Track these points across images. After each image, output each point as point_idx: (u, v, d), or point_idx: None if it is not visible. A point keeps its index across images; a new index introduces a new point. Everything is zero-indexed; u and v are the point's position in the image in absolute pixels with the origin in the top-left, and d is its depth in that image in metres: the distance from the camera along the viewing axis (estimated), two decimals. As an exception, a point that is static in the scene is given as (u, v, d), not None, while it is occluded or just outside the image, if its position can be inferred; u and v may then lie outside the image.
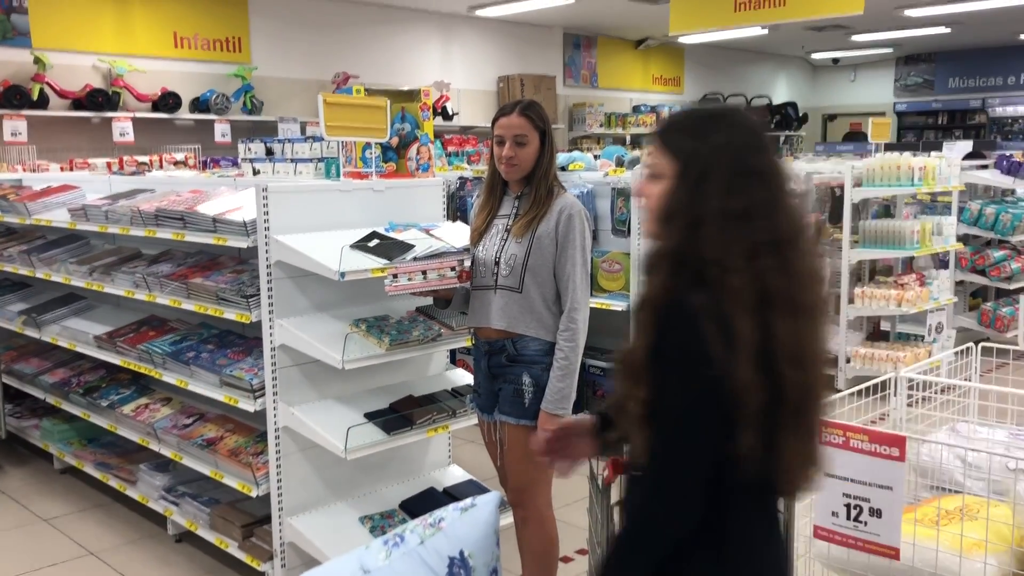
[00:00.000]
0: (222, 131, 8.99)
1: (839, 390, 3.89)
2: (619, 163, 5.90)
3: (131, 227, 4.06)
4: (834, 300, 6.80)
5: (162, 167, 6.89)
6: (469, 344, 3.47)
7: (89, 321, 4.78)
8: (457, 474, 3.94)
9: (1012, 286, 7.45)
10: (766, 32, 11.64)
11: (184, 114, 8.94)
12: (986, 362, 3.28)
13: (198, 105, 9.02)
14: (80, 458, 4.84)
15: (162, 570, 3.96)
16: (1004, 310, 7.47)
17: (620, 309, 5.05)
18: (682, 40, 13.51)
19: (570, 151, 7.30)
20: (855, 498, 2.31)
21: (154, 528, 4.33)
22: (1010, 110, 16.12)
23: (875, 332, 6.88)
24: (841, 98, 17.95)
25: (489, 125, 3.15)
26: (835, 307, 6.77)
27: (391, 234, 3.31)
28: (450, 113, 10.83)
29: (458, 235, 3.33)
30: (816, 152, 11.45)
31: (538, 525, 3.11)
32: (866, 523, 2.30)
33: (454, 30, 11.52)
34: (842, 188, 6.52)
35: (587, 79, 13.35)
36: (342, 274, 3.03)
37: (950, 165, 6.79)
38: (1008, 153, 8.04)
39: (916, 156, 6.75)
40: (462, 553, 1.57)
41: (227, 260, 3.94)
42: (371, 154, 3.57)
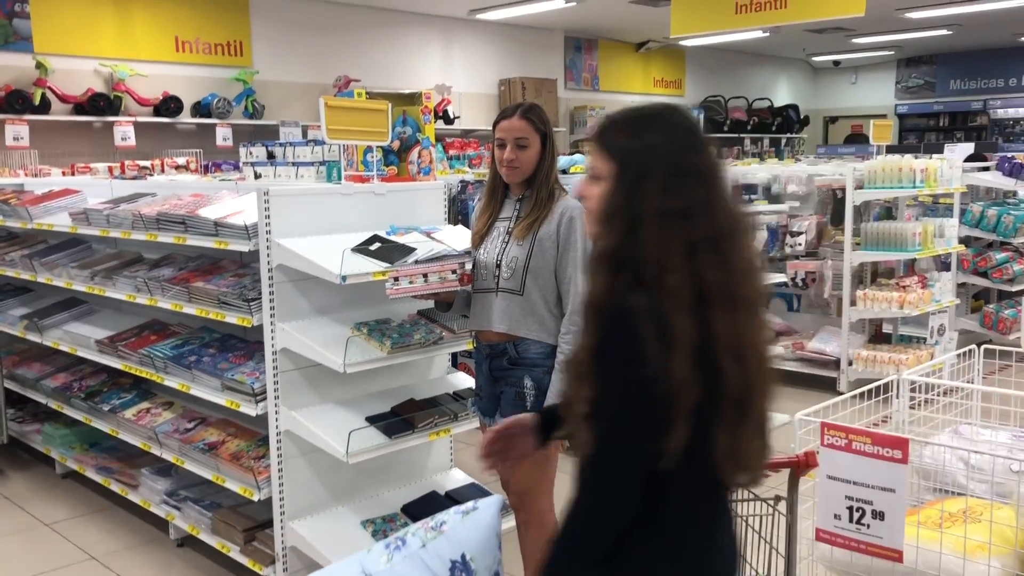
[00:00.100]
0: (223, 135, 8.99)
1: (841, 392, 3.89)
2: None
3: (132, 231, 4.06)
4: (836, 302, 6.80)
5: (164, 171, 6.89)
6: (471, 347, 3.47)
7: (91, 325, 4.78)
8: (459, 477, 3.94)
9: (1014, 288, 7.44)
10: (767, 34, 11.64)
11: (185, 118, 8.94)
12: (989, 364, 3.28)
13: (199, 109, 9.03)
14: (82, 463, 4.84)
15: (164, 575, 3.96)
16: (1006, 312, 7.46)
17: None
18: (683, 43, 13.51)
19: (571, 154, 7.30)
20: (858, 500, 2.30)
21: (156, 533, 4.33)
22: (1011, 112, 16.10)
23: (877, 334, 6.87)
24: (842, 100, 17.95)
25: (490, 128, 3.15)
26: (837, 309, 6.78)
27: (392, 237, 3.31)
28: (451, 117, 10.84)
29: (459, 238, 3.33)
30: (818, 154, 11.47)
31: (540, 528, 3.11)
32: (869, 526, 2.30)
33: (455, 33, 11.53)
34: (844, 190, 6.53)
35: (588, 82, 13.35)
36: (343, 277, 3.04)
37: (952, 167, 6.78)
38: (1010, 155, 8.02)
39: (918, 158, 6.75)
40: (464, 556, 1.57)
41: (228, 264, 3.94)
42: (372, 157, 3.57)
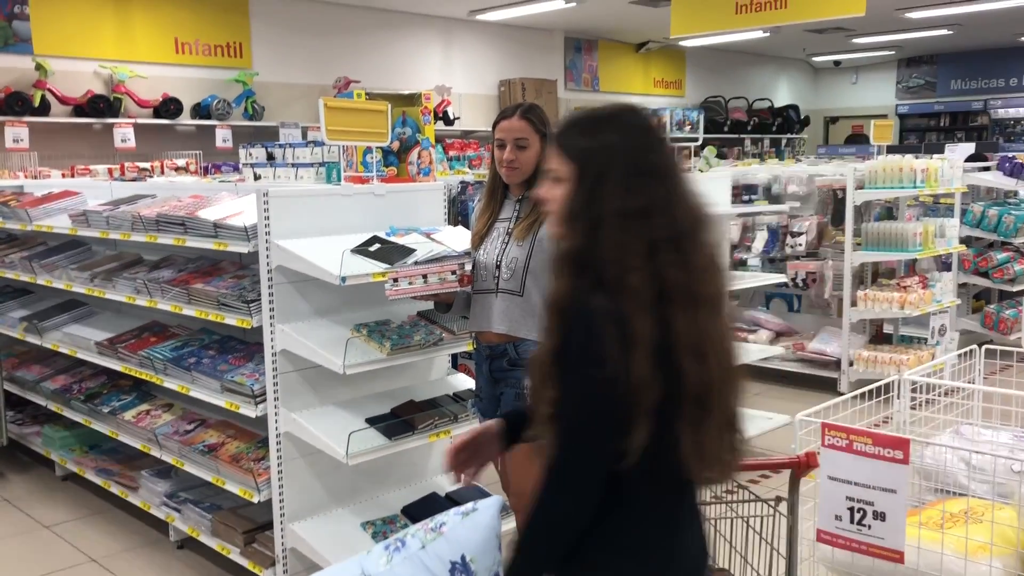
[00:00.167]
0: (223, 136, 8.99)
1: (841, 393, 3.90)
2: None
3: (132, 233, 4.05)
4: (837, 303, 6.80)
5: (163, 173, 6.90)
6: (471, 348, 3.47)
7: (90, 327, 4.77)
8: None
9: (1015, 288, 7.43)
10: (767, 35, 11.64)
11: (185, 120, 8.95)
12: (990, 364, 3.27)
13: (199, 111, 9.03)
14: (81, 465, 4.83)
15: (164, 576, 3.96)
16: (1008, 312, 7.45)
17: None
18: (683, 43, 13.52)
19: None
20: (859, 501, 2.30)
21: (156, 535, 4.33)
22: (1012, 112, 16.10)
23: (878, 335, 6.86)
24: (843, 100, 17.95)
25: (490, 129, 3.14)
26: (838, 310, 6.77)
27: (392, 238, 3.31)
28: (451, 117, 10.84)
29: (459, 239, 3.32)
30: (818, 154, 11.46)
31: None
32: (870, 526, 2.29)
33: (455, 34, 11.53)
34: (844, 190, 6.52)
35: (588, 82, 13.35)
36: (343, 278, 3.03)
37: (952, 167, 6.78)
38: (1010, 155, 8.01)
39: (918, 158, 6.74)
40: (464, 558, 1.56)
41: (228, 265, 3.94)
42: (372, 158, 3.57)
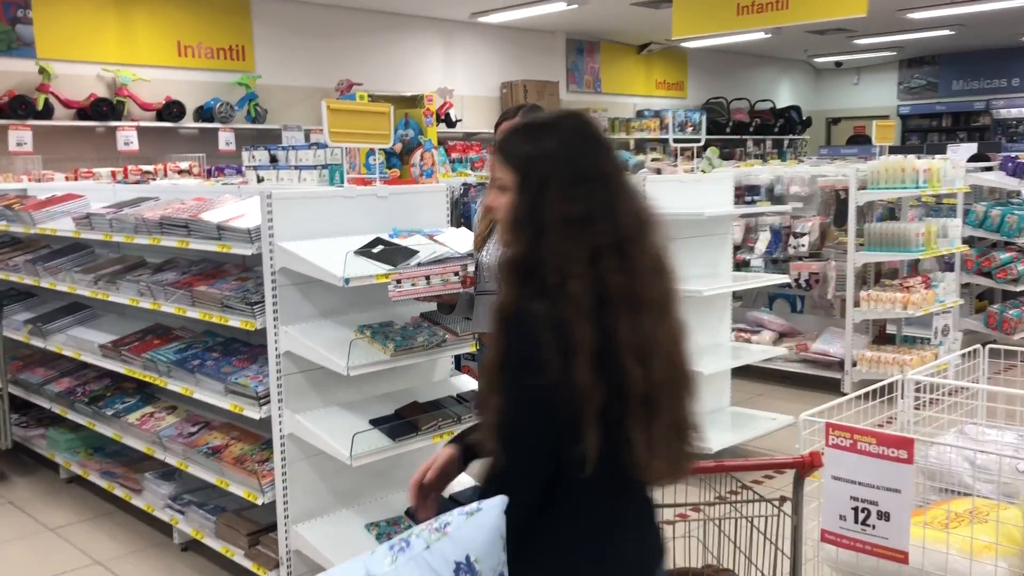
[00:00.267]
0: (226, 139, 9.00)
1: (844, 393, 3.89)
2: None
3: (136, 235, 4.06)
4: (840, 303, 6.79)
5: (166, 176, 6.91)
6: (473, 350, 3.47)
7: (94, 330, 4.78)
8: (463, 480, 3.91)
9: (1018, 288, 7.42)
10: (769, 36, 11.63)
11: (188, 123, 8.96)
12: (994, 364, 3.27)
13: (202, 114, 9.04)
14: (86, 467, 4.84)
15: (168, 579, 3.97)
16: (1011, 312, 7.45)
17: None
18: (685, 44, 13.51)
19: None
20: (863, 501, 2.29)
21: (160, 537, 4.33)
22: (1014, 112, 16.09)
23: (881, 335, 6.86)
24: (844, 101, 17.94)
25: (492, 131, 3.15)
26: (841, 310, 6.76)
27: (395, 240, 3.31)
28: (453, 120, 10.84)
29: (462, 241, 3.33)
30: (820, 155, 11.45)
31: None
32: (874, 527, 2.29)
33: (456, 37, 11.54)
34: (847, 191, 6.52)
35: (590, 84, 13.35)
36: (346, 280, 3.03)
37: (955, 167, 6.77)
38: (1013, 155, 8.00)
39: (920, 159, 6.73)
40: (468, 558, 1.56)
41: (231, 268, 3.94)
42: (375, 160, 3.57)
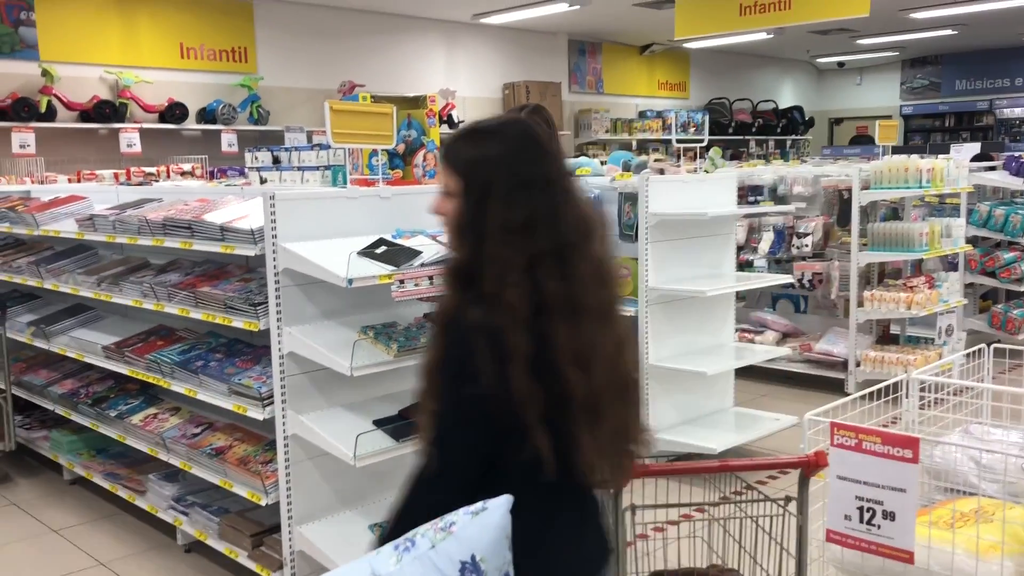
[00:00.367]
0: (229, 141, 9.01)
1: (848, 393, 3.88)
2: (626, 168, 5.89)
3: (139, 237, 4.06)
4: (843, 303, 6.78)
5: (169, 177, 6.92)
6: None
7: (97, 331, 4.78)
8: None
9: (1022, 288, 7.41)
10: (771, 36, 11.63)
11: (191, 124, 8.97)
12: (998, 364, 3.26)
13: (205, 115, 9.05)
14: (89, 469, 4.84)
15: (172, 580, 3.97)
16: (1015, 312, 7.43)
17: (628, 314, 5.04)
18: (687, 45, 13.51)
19: (577, 157, 7.30)
20: (868, 501, 2.29)
21: (163, 538, 4.33)
22: (1018, 111, 16.07)
23: (885, 335, 6.85)
24: (847, 101, 17.93)
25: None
26: (844, 310, 6.76)
27: (398, 241, 3.31)
28: (455, 121, 10.83)
29: (465, 241, 3.32)
30: (823, 155, 11.43)
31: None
32: (880, 526, 2.28)
33: (459, 38, 11.54)
34: (850, 191, 6.51)
35: (592, 85, 13.36)
36: (350, 281, 3.03)
37: (958, 167, 6.76)
38: (1016, 154, 7.99)
39: (924, 158, 6.72)
40: (474, 557, 1.56)
41: (235, 269, 3.94)
42: (377, 161, 3.57)
